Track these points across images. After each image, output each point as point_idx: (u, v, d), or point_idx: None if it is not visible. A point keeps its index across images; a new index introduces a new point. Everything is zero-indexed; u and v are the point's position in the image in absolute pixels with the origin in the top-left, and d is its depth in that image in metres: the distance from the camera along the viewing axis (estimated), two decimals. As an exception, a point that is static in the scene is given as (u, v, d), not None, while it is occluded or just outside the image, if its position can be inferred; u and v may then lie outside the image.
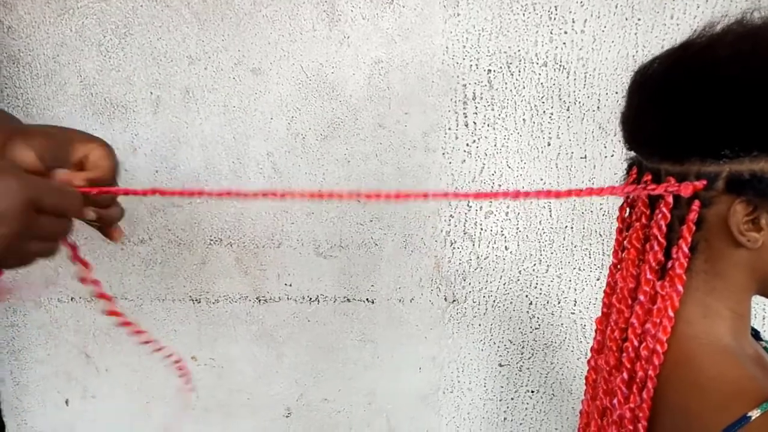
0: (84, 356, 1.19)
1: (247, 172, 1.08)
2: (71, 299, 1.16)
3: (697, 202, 0.52)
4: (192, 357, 1.18)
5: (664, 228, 0.56)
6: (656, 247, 0.55)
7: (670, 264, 0.55)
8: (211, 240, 1.11)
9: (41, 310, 1.17)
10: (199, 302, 1.15)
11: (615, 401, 0.61)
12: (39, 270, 1.14)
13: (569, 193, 0.56)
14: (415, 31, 1.02)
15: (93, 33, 1.02)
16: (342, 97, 1.05)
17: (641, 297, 0.59)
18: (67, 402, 1.22)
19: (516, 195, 0.57)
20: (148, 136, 1.07)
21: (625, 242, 0.60)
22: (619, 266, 0.64)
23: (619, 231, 0.65)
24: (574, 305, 1.15)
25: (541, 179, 1.08)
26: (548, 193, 0.57)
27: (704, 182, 0.51)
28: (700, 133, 0.50)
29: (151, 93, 1.05)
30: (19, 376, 1.20)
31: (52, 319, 1.17)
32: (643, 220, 0.58)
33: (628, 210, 0.62)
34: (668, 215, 0.55)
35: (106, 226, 0.63)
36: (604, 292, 0.67)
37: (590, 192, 0.57)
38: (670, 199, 0.54)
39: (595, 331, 0.68)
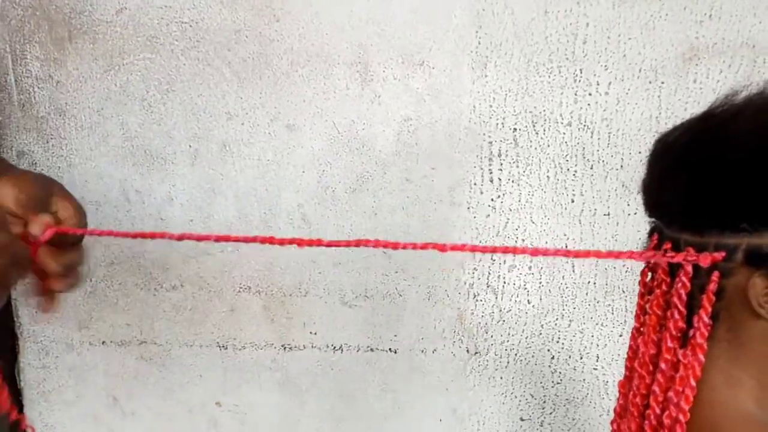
0: (112, 399, 1.22)
1: (278, 222, 1.12)
2: (102, 343, 1.20)
3: (716, 273, 0.53)
4: (216, 403, 1.20)
5: (684, 297, 0.57)
6: (676, 315, 0.57)
7: (691, 333, 0.56)
8: (241, 288, 1.15)
9: (73, 352, 1.20)
10: (226, 348, 1.18)
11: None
12: (71, 313, 1.18)
13: (588, 253, 0.58)
14: (444, 91, 1.07)
15: (137, 88, 1.09)
16: (371, 153, 1.09)
17: (662, 365, 0.60)
18: (93, 444, 1.24)
19: (535, 252, 0.60)
20: (184, 186, 1.12)
21: (646, 307, 0.62)
22: (641, 330, 0.66)
23: (641, 295, 0.66)
24: (597, 361, 1.16)
25: (565, 235, 1.11)
26: (567, 253, 0.59)
27: (723, 254, 0.52)
28: (719, 206, 0.52)
29: (190, 146, 1.11)
30: (47, 417, 1.24)
31: (82, 362, 1.21)
32: (664, 287, 0.60)
33: (649, 274, 0.64)
34: (688, 284, 0.56)
35: (49, 294, 0.63)
36: (627, 355, 0.68)
37: (609, 255, 0.59)
38: (690, 268, 0.55)
39: (618, 396, 0.69)
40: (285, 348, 1.17)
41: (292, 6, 1.05)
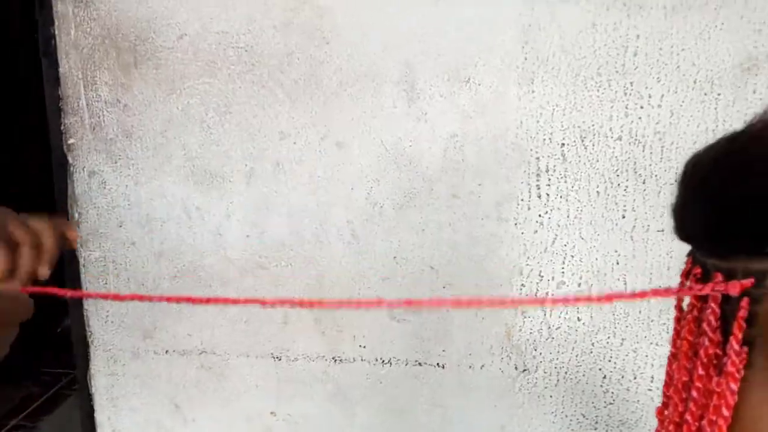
0: (174, 406, 1.24)
1: (329, 237, 1.11)
2: (165, 352, 1.22)
3: (746, 299, 0.49)
4: (271, 412, 1.20)
5: (713, 323, 0.53)
6: (707, 342, 0.52)
7: (724, 360, 0.52)
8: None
9: (138, 361, 1.23)
10: (280, 359, 1.18)
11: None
12: (137, 323, 1.21)
13: (609, 298, 0.55)
14: (490, 107, 1.04)
15: (197, 111, 1.11)
16: (418, 169, 1.07)
17: (694, 393, 0.56)
18: (157, 448, 1.27)
19: (553, 302, 0.56)
20: (241, 203, 1.13)
21: (681, 332, 0.58)
22: (676, 356, 0.62)
23: (677, 319, 0.62)
24: (651, 381, 1.09)
25: (616, 251, 1.05)
26: (588, 299, 0.56)
27: (752, 280, 0.48)
28: (744, 231, 0.48)
29: (246, 165, 1.12)
30: (115, 422, 1.27)
31: (147, 370, 1.23)
32: (695, 313, 0.56)
33: (685, 299, 0.60)
34: (717, 310, 0.52)
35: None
36: (664, 382, 0.65)
37: (632, 296, 0.56)
38: (719, 295, 0.51)
39: (657, 422, 0.66)
40: (335, 360, 1.16)
41: (341, 28, 1.05)
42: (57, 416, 2.22)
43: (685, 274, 0.60)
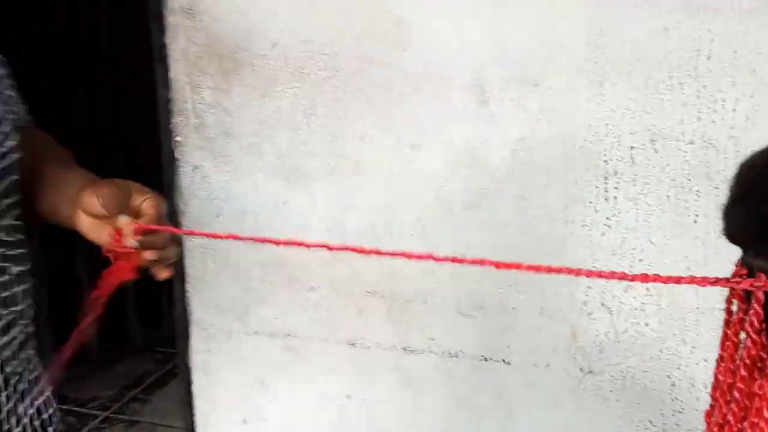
0: (261, 383, 1.34)
1: (401, 233, 1.17)
2: (255, 333, 1.32)
3: None
4: (346, 395, 1.27)
5: (756, 324, 0.52)
6: (749, 344, 0.52)
7: (768, 362, 0.52)
8: (368, 292, 1.21)
9: (231, 340, 1.34)
10: (355, 346, 1.24)
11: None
12: (232, 306, 1.32)
13: (646, 277, 0.56)
14: (559, 111, 1.06)
15: (286, 113, 1.20)
16: (487, 171, 1.10)
17: (736, 394, 0.56)
18: (244, 421, 1.37)
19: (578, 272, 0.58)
20: (324, 199, 1.21)
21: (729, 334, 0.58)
22: (723, 358, 0.62)
23: (726, 322, 0.62)
24: (724, 392, 1.05)
25: (686, 257, 1.03)
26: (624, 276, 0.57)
27: None
28: None
29: (329, 164, 1.20)
30: (210, 394, 1.39)
31: (238, 350, 1.34)
32: (740, 315, 0.56)
33: (734, 302, 0.60)
34: (760, 311, 0.52)
35: (159, 266, 0.69)
36: (712, 385, 0.65)
37: (668, 279, 0.57)
38: (761, 295, 0.51)
39: (705, 424, 0.66)
40: (406, 350, 1.21)
41: (416, 36, 1.10)
42: (167, 391, 2.43)
43: (735, 277, 0.60)
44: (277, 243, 0.64)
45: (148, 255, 0.67)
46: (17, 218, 0.76)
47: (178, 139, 1.27)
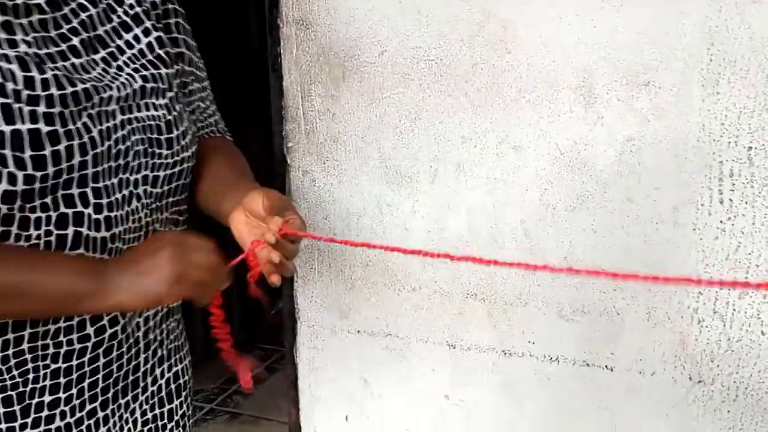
0: (363, 381, 1.36)
1: (503, 236, 1.15)
2: (357, 332, 1.34)
3: None
4: (445, 395, 1.26)
5: None
6: None
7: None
8: (468, 294, 1.20)
9: (335, 338, 1.37)
10: (454, 348, 1.23)
11: None
12: (336, 304, 1.35)
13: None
14: (670, 110, 1.01)
15: (391, 118, 1.22)
16: (592, 172, 1.07)
17: None
18: (346, 418, 1.39)
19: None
20: (425, 201, 1.22)
21: None
22: None
23: None
24: None
25: (810, 264, 0.96)
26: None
27: None
28: None
29: (431, 166, 1.20)
30: (315, 390, 1.41)
31: (341, 347, 1.36)
32: None
33: None
34: None
35: (278, 270, 0.77)
36: None
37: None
38: None
39: None
40: (505, 353, 1.19)
41: (522, 38, 1.09)
42: (268, 385, 2.50)
43: None
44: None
45: (274, 256, 0.74)
46: (176, 213, 0.87)
47: (289, 144, 1.32)
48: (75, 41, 0.75)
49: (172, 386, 0.91)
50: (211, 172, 0.90)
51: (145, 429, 0.86)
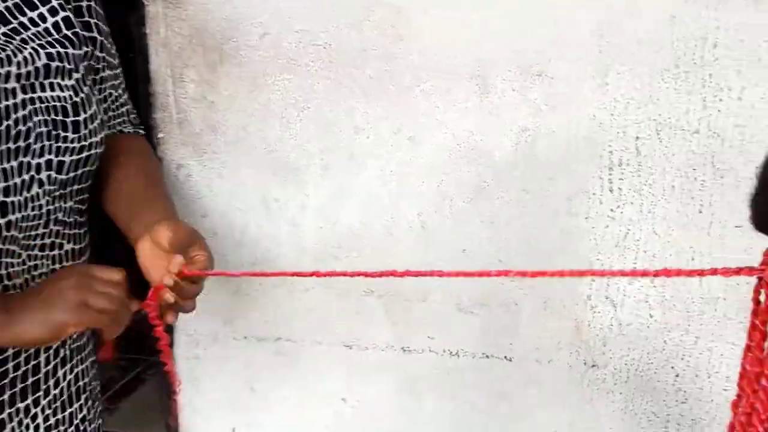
0: (250, 389, 1.25)
1: (399, 230, 1.09)
2: (244, 338, 1.23)
3: None
4: (342, 398, 1.19)
5: None
6: None
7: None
8: (364, 291, 1.13)
9: (218, 345, 1.24)
10: (351, 348, 1.16)
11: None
12: (217, 310, 1.22)
13: (677, 273, 0.53)
14: (563, 101, 1.00)
15: (277, 106, 1.11)
16: (489, 163, 1.04)
17: (764, 382, 0.55)
18: (233, 430, 1.27)
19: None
20: (316, 195, 1.13)
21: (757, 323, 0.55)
22: (751, 348, 0.60)
23: (754, 313, 0.61)
24: (726, 381, 1.02)
25: (691, 247, 0.99)
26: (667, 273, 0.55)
27: None
28: None
29: (321, 158, 1.11)
30: (196, 402, 1.28)
31: (226, 355, 1.24)
32: None
33: (762, 292, 0.58)
34: None
35: (174, 310, 0.74)
36: (739, 374, 0.62)
37: (701, 273, 0.55)
38: None
39: (731, 416, 0.63)
40: (404, 350, 1.14)
41: (414, 25, 1.03)
42: (136, 398, 2.29)
43: (762, 265, 0.58)
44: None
45: (169, 297, 0.70)
46: (80, 203, 0.83)
47: (160, 135, 1.17)
48: None
49: (73, 389, 0.84)
50: (121, 181, 0.86)
51: None
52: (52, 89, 0.74)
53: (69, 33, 0.79)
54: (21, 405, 0.77)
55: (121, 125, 0.94)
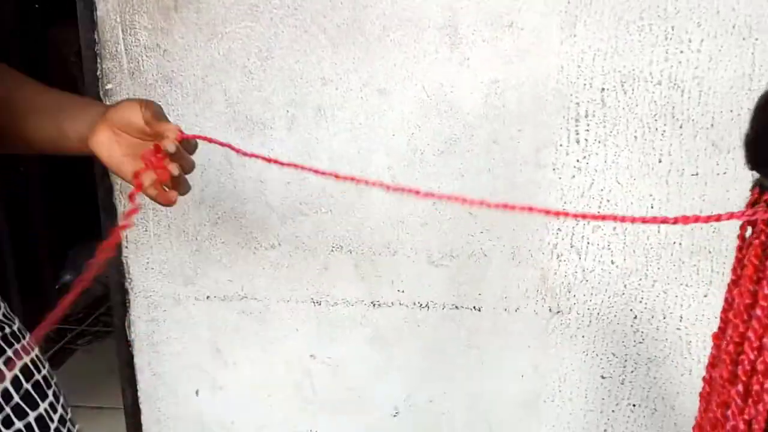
0: (215, 350, 1.20)
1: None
2: (206, 298, 1.17)
3: None
4: (311, 355, 1.17)
5: None
6: None
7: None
8: (333, 247, 1.11)
9: (179, 307, 1.18)
10: (320, 304, 1.14)
11: (729, 412, 0.57)
12: (178, 270, 1.16)
13: (688, 219, 0.53)
14: (532, 52, 0.99)
15: (238, 56, 1.05)
16: (459, 115, 1.02)
17: (758, 312, 0.56)
18: (197, 392, 1.23)
19: (628, 219, 0.54)
20: (282, 150, 1.08)
21: (744, 259, 0.56)
22: (737, 282, 0.62)
23: (739, 249, 0.62)
24: (680, 321, 1.07)
25: (651, 195, 1.02)
26: (665, 220, 0.54)
27: None
28: None
29: (287, 111, 1.06)
30: (156, 366, 1.22)
31: (188, 316, 1.19)
32: (763, 238, 0.54)
33: (749, 228, 0.59)
34: None
35: (173, 187, 0.64)
36: (722, 308, 0.64)
37: (708, 219, 0.55)
38: None
39: (712, 347, 0.65)
40: (374, 305, 1.12)
41: (384, -27, 0.99)
42: (81, 367, 2.16)
43: (752, 204, 0.59)
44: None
45: (173, 168, 0.62)
46: None
47: (108, 86, 1.08)
48: None
49: None
50: (18, 100, 0.69)
51: None
52: None
53: None
54: None
55: None
